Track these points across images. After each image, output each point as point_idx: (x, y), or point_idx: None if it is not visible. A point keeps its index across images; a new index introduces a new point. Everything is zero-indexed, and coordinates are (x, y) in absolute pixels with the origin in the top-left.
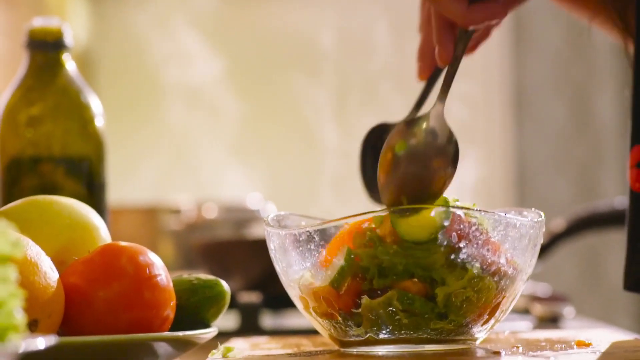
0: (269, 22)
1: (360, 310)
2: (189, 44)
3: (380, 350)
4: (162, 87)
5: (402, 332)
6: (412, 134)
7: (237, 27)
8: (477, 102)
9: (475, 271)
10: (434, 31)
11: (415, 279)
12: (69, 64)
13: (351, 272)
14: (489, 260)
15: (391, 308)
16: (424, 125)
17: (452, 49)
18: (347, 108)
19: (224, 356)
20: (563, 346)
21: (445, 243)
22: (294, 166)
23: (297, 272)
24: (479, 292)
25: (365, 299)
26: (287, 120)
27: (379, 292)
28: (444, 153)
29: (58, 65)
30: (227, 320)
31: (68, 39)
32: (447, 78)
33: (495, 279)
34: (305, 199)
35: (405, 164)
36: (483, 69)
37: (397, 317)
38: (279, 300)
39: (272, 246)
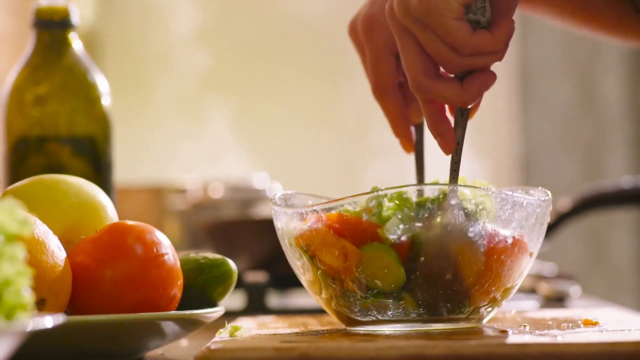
0: (276, 1)
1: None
2: (195, 23)
3: (387, 329)
4: (169, 66)
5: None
6: (431, 227)
7: (245, 5)
8: None
9: (482, 249)
10: (429, 123)
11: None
12: (76, 43)
13: None
14: (497, 239)
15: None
16: (444, 220)
17: (454, 136)
18: (352, 84)
19: (231, 335)
20: (570, 325)
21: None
22: (300, 145)
23: None
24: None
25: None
26: (293, 99)
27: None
28: (472, 245)
29: (64, 44)
30: (233, 299)
31: (74, 18)
32: (454, 165)
33: (503, 256)
34: (312, 178)
35: (432, 260)
36: None
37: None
38: (286, 280)
39: (279, 225)
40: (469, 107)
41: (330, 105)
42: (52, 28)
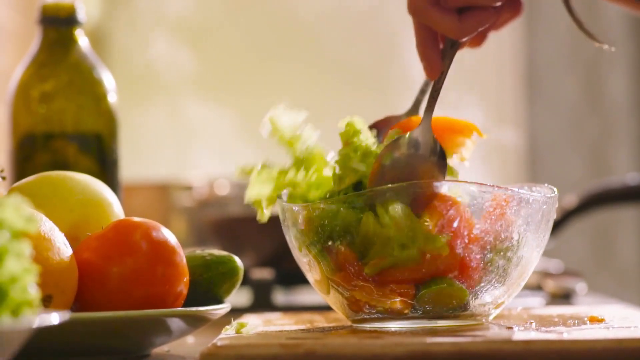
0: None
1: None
2: (201, 20)
3: (393, 326)
4: (175, 63)
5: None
6: (397, 146)
7: (251, 2)
8: (488, 80)
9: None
10: (418, 46)
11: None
12: (82, 40)
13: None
14: (502, 236)
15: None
16: (407, 138)
17: (440, 63)
18: (358, 82)
19: (237, 332)
20: (576, 322)
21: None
22: None
23: None
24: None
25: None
26: (299, 95)
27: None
28: (428, 163)
29: (71, 41)
30: (240, 296)
31: (80, 15)
32: (434, 93)
33: (509, 254)
34: None
35: (390, 174)
36: (495, 46)
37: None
38: (292, 277)
39: (285, 222)
40: (461, 40)
41: (336, 102)
42: (58, 25)
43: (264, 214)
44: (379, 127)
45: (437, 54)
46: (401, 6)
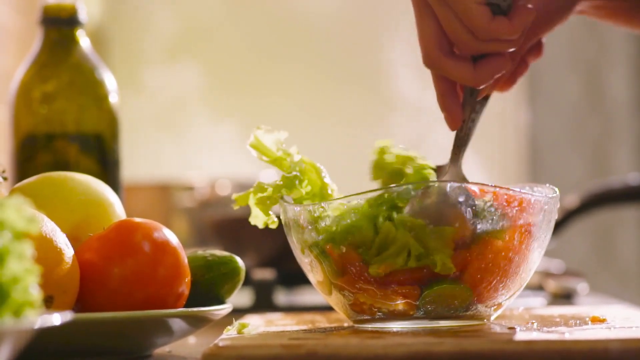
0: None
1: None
2: (202, 20)
3: (395, 326)
4: (176, 64)
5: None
6: (427, 195)
7: (252, 2)
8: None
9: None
10: (438, 97)
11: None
12: (83, 41)
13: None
14: (505, 236)
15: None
16: (438, 187)
17: (460, 113)
18: (361, 80)
19: (238, 332)
20: (578, 322)
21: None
22: (307, 142)
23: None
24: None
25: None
26: (301, 95)
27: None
28: (458, 210)
29: (72, 41)
30: (241, 296)
31: (82, 16)
32: (458, 141)
33: (511, 254)
34: None
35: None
36: None
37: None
38: (293, 277)
39: (287, 222)
40: (479, 88)
41: (338, 101)
42: (59, 25)
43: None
44: None
45: (457, 104)
46: (402, 6)
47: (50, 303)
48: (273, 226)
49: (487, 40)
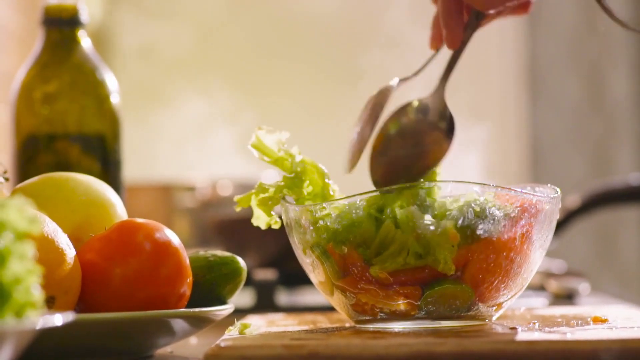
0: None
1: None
2: (204, 20)
3: (397, 326)
4: (177, 64)
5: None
6: (404, 113)
7: (254, 1)
8: (491, 79)
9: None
10: (441, 15)
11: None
12: (84, 41)
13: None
14: (505, 237)
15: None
16: (417, 104)
17: (461, 34)
18: (363, 80)
19: (240, 333)
20: (579, 322)
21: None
22: (309, 142)
23: None
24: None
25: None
26: (302, 95)
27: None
28: (436, 128)
29: (73, 42)
30: (243, 297)
31: (83, 16)
32: (451, 62)
33: (512, 254)
34: None
35: (397, 142)
36: (497, 45)
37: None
38: (295, 277)
39: (288, 222)
40: (487, 12)
41: (340, 101)
42: (61, 26)
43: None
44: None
45: (460, 24)
46: (403, 7)
47: (51, 303)
48: (276, 227)
49: None
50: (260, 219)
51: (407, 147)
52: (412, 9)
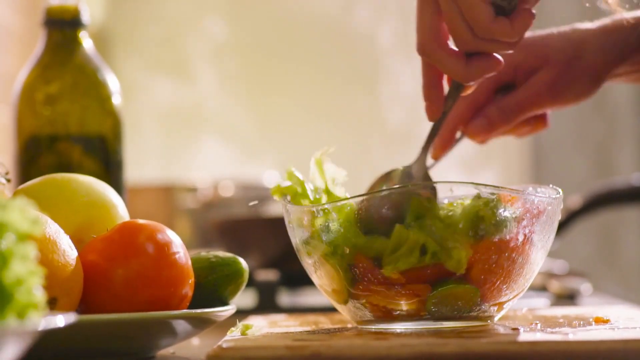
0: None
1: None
2: (205, 22)
3: (399, 327)
4: (178, 65)
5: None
6: (389, 178)
7: (256, 3)
8: None
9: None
10: (423, 86)
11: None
12: (86, 42)
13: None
14: (507, 237)
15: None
16: (400, 170)
17: (442, 106)
18: (365, 81)
19: (242, 334)
20: (581, 323)
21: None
22: (311, 143)
23: None
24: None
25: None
26: (305, 96)
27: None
28: (418, 195)
29: (75, 43)
30: (245, 298)
31: (85, 17)
32: (432, 132)
33: (514, 254)
34: None
35: (379, 207)
36: None
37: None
38: (297, 278)
39: (290, 223)
40: (467, 84)
41: (342, 102)
42: (62, 27)
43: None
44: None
45: (441, 96)
46: (404, 8)
47: (53, 305)
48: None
49: (485, 39)
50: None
51: (390, 212)
52: (412, 9)
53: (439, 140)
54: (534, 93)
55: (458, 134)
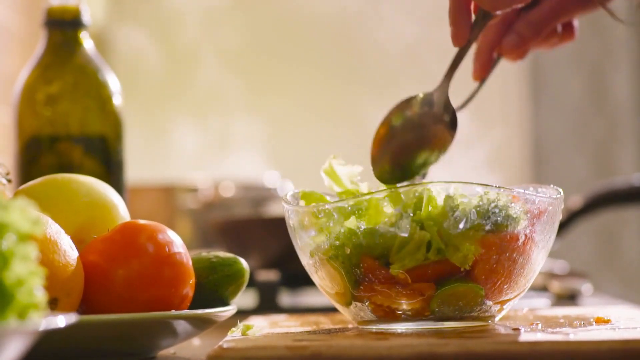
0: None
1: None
2: (206, 21)
3: (399, 327)
4: (179, 65)
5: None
6: (409, 106)
7: (256, 3)
8: (493, 79)
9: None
10: (450, 11)
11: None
12: (87, 43)
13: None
14: (508, 237)
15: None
16: (421, 97)
17: (468, 32)
18: (365, 81)
19: (243, 334)
20: (582, 323)
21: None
22: (311, 143)
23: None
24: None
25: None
26: (305, 96)
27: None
28: (440, 121)
29: (76, 43)
30: (245, 298)
31: (85, 17)
32: (456, 59)
33: (515, 254)
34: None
35: (400, 134)
36: None
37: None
38: (297, 279)
39: (291, 224)
40: (494, 12)
41: (342, 102)
42: (63, 27)
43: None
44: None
45: (467, 22)
46: (406, 8)
47: (54, 305)
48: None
49: None
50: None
51: (412, 138)
52: (415, 9)
53: (478, 64)
54: (558, 2)
55: (495, 55)
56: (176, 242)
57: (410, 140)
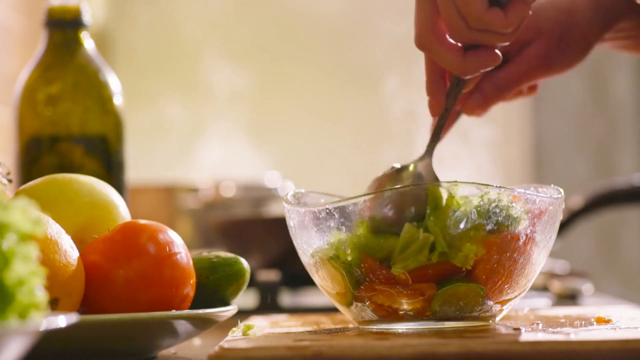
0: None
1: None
2: (207, 22)
3: (400, 327)
4: (180, 65)
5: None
6: (399, 178)
7: (258, 3)
8: None
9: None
10: (426, 81)
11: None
12: (87, 43)
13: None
14: (509, 237)
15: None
16: (411, 169)
17: (443, 101)
18: (365, 82)
19: (244, 334)
20: (583, 323)
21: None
22: (311, 144)
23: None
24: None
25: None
26: (305, 97)
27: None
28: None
29: (76, 43)
30: (246, 298)
31: (86, 17)
32: (437, 129)
33: (516, 255)
34: (324, 177)
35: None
36: None
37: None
38: (298, 279)
39: (292, 224)
40: (466, 78)
41: (342, 103)
42: (64, 27)
43: None
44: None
45: (443, 91)
46: (407, 8)
47: (55, 305)
48: None
49: (479, 29)
50: None
51: (402, 210)
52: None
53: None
54: (527, 67)
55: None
56: (177, 242)
57: (400, 214)
